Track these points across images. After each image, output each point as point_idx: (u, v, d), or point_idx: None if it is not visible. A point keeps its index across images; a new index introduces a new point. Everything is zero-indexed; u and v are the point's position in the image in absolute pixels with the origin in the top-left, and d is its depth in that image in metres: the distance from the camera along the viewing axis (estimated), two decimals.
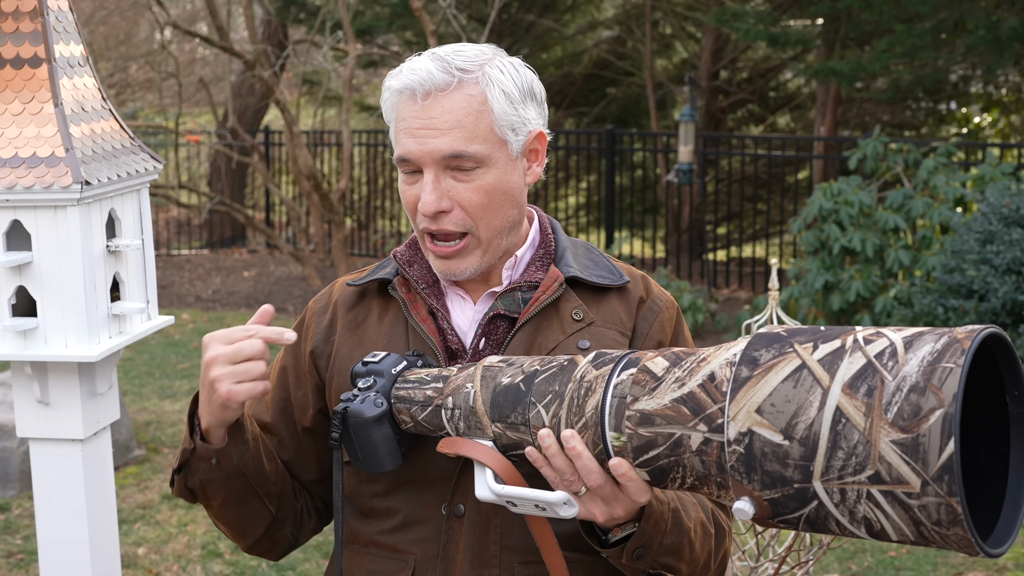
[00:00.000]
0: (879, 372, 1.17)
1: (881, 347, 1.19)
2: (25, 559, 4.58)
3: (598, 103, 13.33)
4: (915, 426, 1.12)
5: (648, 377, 1.34)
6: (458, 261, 1.61)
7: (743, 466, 1.23)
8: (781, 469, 1.20)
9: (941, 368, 1.13)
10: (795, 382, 1.21)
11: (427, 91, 1.57)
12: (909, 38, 8.74)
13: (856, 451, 1.15)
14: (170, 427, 6.26)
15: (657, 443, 1.32)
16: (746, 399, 1.23)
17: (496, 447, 1.47)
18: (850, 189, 7.48)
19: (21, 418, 2.17)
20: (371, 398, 1.53)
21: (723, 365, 1.28)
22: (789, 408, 1.20)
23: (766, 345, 1.26)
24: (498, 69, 1.61)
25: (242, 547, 1.75)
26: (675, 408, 1.30)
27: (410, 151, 1.59)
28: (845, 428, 1.16)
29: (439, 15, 9.16)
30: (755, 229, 12.16)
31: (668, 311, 1.70)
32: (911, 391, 1.14)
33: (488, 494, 1.46)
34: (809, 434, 1.18)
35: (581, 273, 1.66)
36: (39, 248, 2.04)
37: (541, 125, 1.66)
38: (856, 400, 1.17)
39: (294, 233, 11.34)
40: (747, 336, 1.31)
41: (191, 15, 16.39)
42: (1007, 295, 5.69)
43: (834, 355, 1.21)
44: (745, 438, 1.22)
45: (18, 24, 2.09)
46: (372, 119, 14.67)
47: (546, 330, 1.62)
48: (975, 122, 12.76)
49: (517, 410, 1.43)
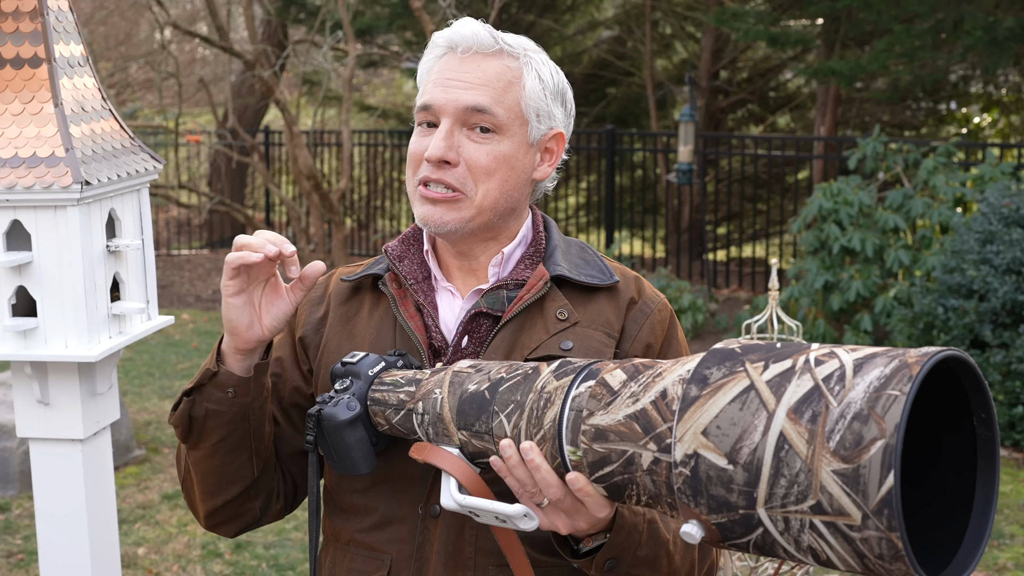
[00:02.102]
0: (824, 397, 1.13)
1: (831, 369, 1.15)
2: (25, 559, 4.58)
3: (598, 103, 13.33)
4: (856, 456, 1.08)
5: (605, 391, 1.31)
6: (443, 210, 1.59)
7: (690, 489, 1.20)
8: (726, 494, 1.17)
9: (886, 395, 1.09)
10: (742, 404, 1.17)
11: (469, 46, 1.59)
12: (908, 38, 8.74)
13: (798, 479, 1.12)
14: (170, 427, 6.25)
15: (611, 459, 1.29)
16: (693, 420, 1.20)
17: (463, 455, 1.46)
18: (850, 189, 7.48)
19: (21, 418, 2.17)
20: (344, 400, 1.52)
21: (675, 382, 1.25)
22: (734, 431, 1.16)
23: (718, 363, 1.22)
24: (540, 59, 1.63)
25: (205, 510, 1.69)
26: (628, 424, 1.27)
27: (434, 98, 1.58)
28: (788, 455, 1.12)
29: (439, 15, 9.15)
30: (755, 229, 12.16)
31: (660, 313, 1.66)
32: (854, 419, 1.09)
33: (451, 502, 1.45)
34: (753, 459, 1.15)
35: (569, 272, 1.63)
36: (39, 248, 2.04)
37: (564, 128, 1.67)
38: (800, 426, 1.13)
39: (294, 233, 11.34)
40: (703, 353, 1.27)
41: (191, 15, 16.39)
42: (1007, 295, 5.69)
43: (783, 376, 1.17)
44: (691, 460, 1.19)
45: (18, 24, 2.09)
46: (372, 119, 14.68)
47: (529, 329, 1.60)
48: (975, 122, 12.76)
49: (481, 418, 1.42)
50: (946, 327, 5.86)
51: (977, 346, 5.93)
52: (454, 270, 1.68)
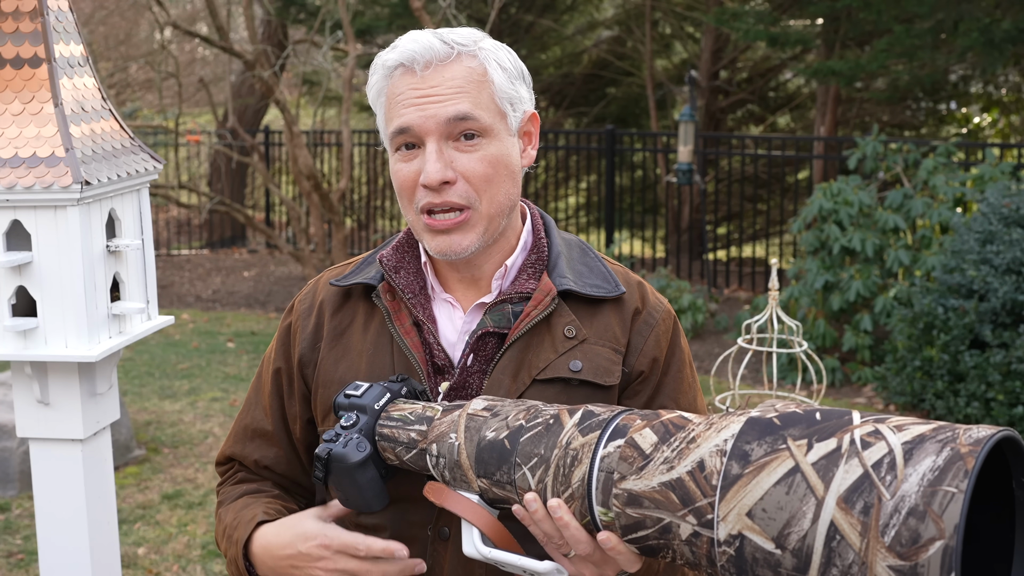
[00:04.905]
0: (876, 487, 1.12)
1: (879, 455, 1.14)
2: (25, 559, 4.57)
3: (598, 103, 13.32)
4: (914, 554, 1.08)
5: (635, 453, 1.30)
6: (459, 236, 1.54)
7: (734, 567, 1.20)
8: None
9: (943, 492, 1.08)
10: (788, 487, 1.17)
11: (427, 61, 1.52)
12: (907, 38, 8.74)
13: (851, 571, 1.12)
14: (170, 427, 6.26)
15: (646, 525, 1.28)
16: (736, 499, 1.19)
17: (483, 500, 1.44)
18: (850, 189, 7.48)
19: (21, 418, 2.17)
20: (354, 441, 1.48)
21: (713, 453, 1.24)
22: (781, 516, 1.16)
23: (758, 438, 1.21)
24: (492, 46, 1.58)
25: None
26: (664, 493, 1.26)
27: (410, 121, 1.52)
28: (840, 546, 1.12)
29: (439, 15, 9.15)
30: (755, 229, 12.16)
31: (664, 323, 1.64)
32: (910, 514, 1.09)
33: (475, 552, 1.43)
34: (802, 546, 1.14)
35: (575, 285, 1.60)
36: (39, 248, 2.04)
37: (532, 107, 1.63)
38: (852, 517, 1.12)
39: (294, 233, 11.34)
40: (739, 416, 1.25)
41: (191, 15, 16.38)
42: (1007, 295, 5.69)
43: (829, 460, 1.16)
44: (736, 540, 1.19)
45: (18, 24, 2.09)
46: (372, 119, 14.61)
47: (536, 348, 1.57)
48: (975, 122, 12.76)
49: (503, 468, 1.40)
50: (946, 327, 5.86)
51: (977, 346, 5.93)
52: (454, 281, 1.64)
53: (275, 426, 1.71)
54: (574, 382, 1.56)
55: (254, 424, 1.73)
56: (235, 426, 1.77)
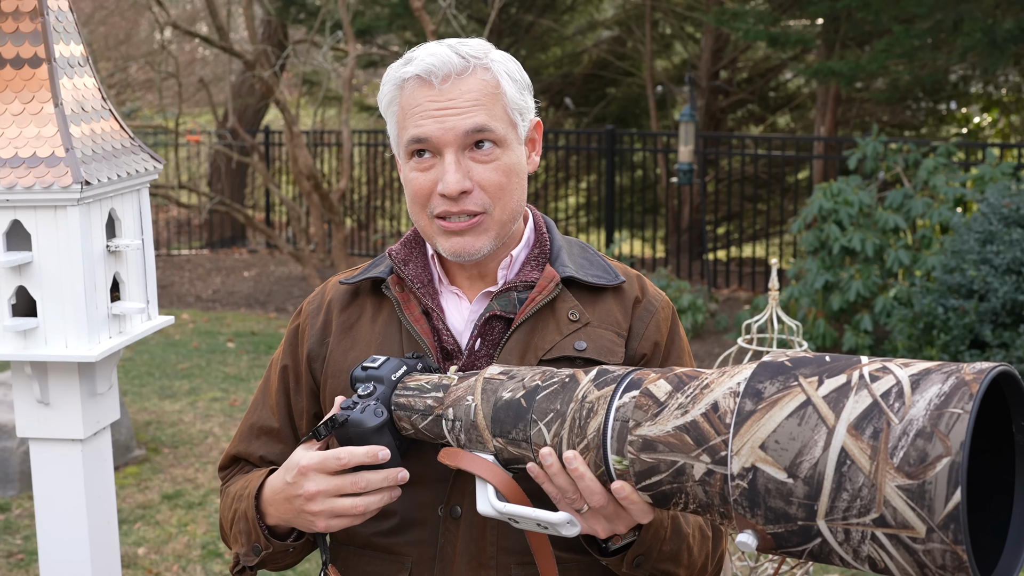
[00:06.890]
0: (885, 414, 1.16)
1: (887, 386, 1.18)
2: (25, 559, 4.58)
3: (598, 103, 13.33)
4: (921, 473, 1.12)
5: (651, 401, 1.34)
6: (472, 238, 1.60)
7: (747, 500, 1.23)
8: (785, 506, 1.20)
9: (948, 413, 1.12)
10: (800, 419, 1.20)
11: (446, 74, 1.57)
12: (907, 39, 8.74)
13: (861, 494, 1.15)
14: (170, 427, 6.26)
15: (660, 469, 1.31)
16: (750, 434, 1.23)
17: (497, 461, 1.47)
18: (850, 189, 7.48)
19: (21, 418, 2.17)
20: (371, 407, 1.52)
21: (727, 395, 1.27)
22: (794, 446, 1.20)
23: (770, 377, 1.25)
24: (501, 58, 1.64)
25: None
26: (678, 436, 1.29)
27: (429, 132, 1.57)
28: (850, 470, 1.16)
29: (439, 15, 9.16)
30: (755, 229, 12.16)
31: (664, 311, 1.70)
32: (917, 436, 1.13)
33: (489, 509, 1.46)
34: (813, 474, 1.18)
35: (577, 273, 1.66)
36: (39, 248, 2.04)
37: (537, 115, 1.70)
38: (862, 442, 1.16)
39: (294, 233, 11.34)
40: (751, 363, 1.30)
41: (191, 15, 16.39)
42: (1007, 295, 5.69)
43: (839, 392, 1.20)
44: (749, 473, 1.22)
45: (18, 24, 2.09)
46: (372, 119, 14.68)
47: (542, 331, 1.62)
48: (975, 122, 12.76)
49: (518, 426, 1.43)
50: (946, 327, 5.87)
51: (977, 346, 5.93)
52: (460, 275, 1.69)
53: (282, 423, 1.74)
54: (579, 361, 1.61)
55: (260, 422, 1.75)
56: (240, 428, 1.79)
